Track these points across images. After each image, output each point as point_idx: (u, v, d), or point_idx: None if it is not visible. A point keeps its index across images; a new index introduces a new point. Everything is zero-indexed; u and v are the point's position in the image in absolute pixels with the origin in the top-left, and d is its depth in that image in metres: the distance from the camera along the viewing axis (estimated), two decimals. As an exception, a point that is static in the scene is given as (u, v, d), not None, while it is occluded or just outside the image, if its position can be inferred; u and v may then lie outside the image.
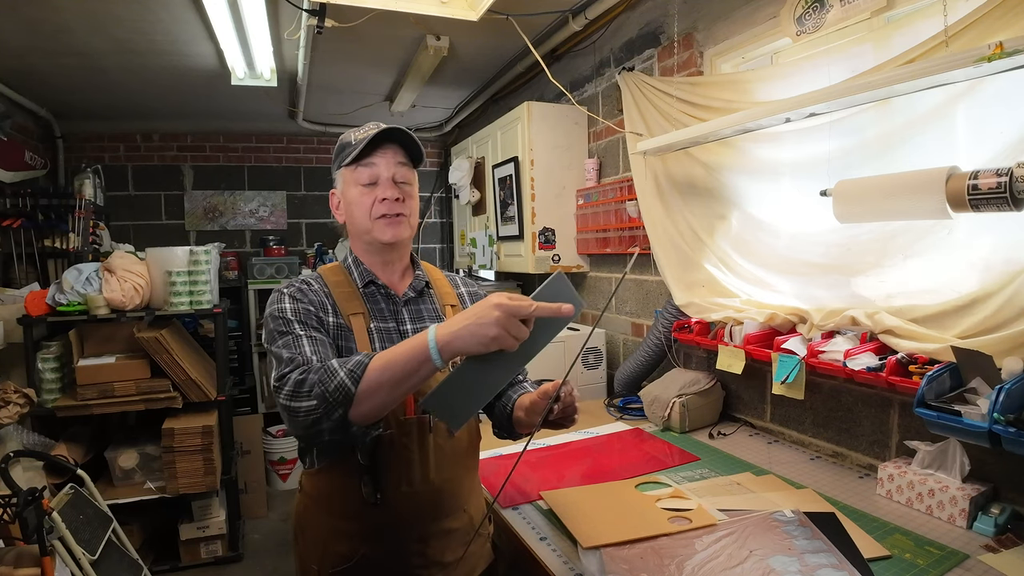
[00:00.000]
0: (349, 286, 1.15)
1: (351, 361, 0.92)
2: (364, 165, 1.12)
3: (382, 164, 1.12)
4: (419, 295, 1.20)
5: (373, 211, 1.12)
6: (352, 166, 1.13)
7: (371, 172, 1.12)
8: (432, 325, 0.90)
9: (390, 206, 1.12)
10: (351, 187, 1.14)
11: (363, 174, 1.12)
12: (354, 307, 1.12)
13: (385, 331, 1.13)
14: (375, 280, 1.16)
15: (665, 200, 2.09)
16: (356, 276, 1.17)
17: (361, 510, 1.07)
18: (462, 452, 1.16)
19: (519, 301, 0.84)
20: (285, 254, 4.41)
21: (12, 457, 1.95)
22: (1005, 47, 1.00)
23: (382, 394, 0.90)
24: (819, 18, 1.50)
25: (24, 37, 2.55)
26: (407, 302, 1.18)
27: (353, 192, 1.14)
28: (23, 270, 3.36)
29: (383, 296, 1.17)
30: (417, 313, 1.18)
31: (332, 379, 0.91)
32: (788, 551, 1.11)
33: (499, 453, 1.73)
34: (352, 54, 2.90)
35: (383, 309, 1.16)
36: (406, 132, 1.14)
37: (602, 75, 2.62)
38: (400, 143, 1.15)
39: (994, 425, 1.07)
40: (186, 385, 2.65)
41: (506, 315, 0.83)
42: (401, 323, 1.15)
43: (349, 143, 1.14)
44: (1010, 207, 1.08)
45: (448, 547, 1.14)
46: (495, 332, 0.83)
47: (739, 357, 1.73)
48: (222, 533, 2.83)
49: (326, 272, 1.19)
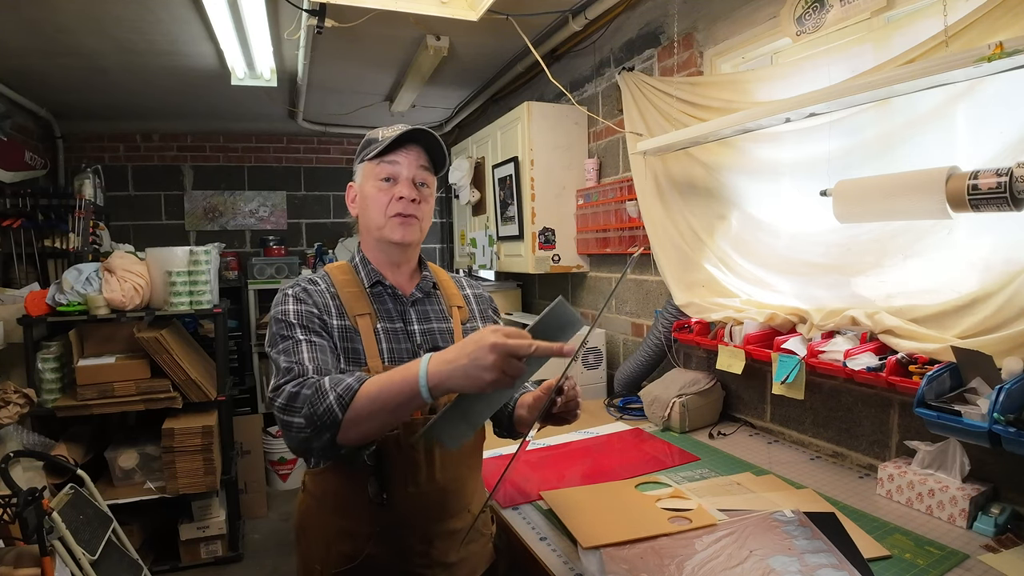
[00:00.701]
0: (356, 286, 1.15)
1: (342, 384, 0.90)
2: (387, 162, 1.13)
3: (404, 163, 1.13)
4: (426, 296, 1.20)
5: (388, 209, 1.12)
6: (375, 161, 1.13)
7: (392, 169, 1.13)
8: (426, 357, 0.87)
9: (406, 206, 1.12)
10: (369, 181, 1.14)
11: (384, 170, 1.13)
12: (361, 307, 1.12)
13: (392, 331, 1.13)
14: (382, 280, 1.16)
15: (665, 200, 2.09)
16: (363, 276, 1.16)
17: (366, 510, 1.07)
18: (467, 452, 1.16)
19: (517, 340, 0.81)
20: (285, 254, 4.41)
21: (12, 457, 1.95)
22: (1005, 47, 1.00)
23: (371, 423, 0.90)
24: (819, 18, 1.50)
25: (24, 37, 2.55)
26: (414, 302, 1.18)
27: (371, 187, 1.14)
28: (23, 270, 3.36)
29: (390, 296, 1.17)
30: (424, 313, 1.18)
31: (321, 401, 0.90)
32: (788, 551, 1.11)
33: (499, 453, 1.72)
34: (352, 54, 2.90)
35: (390, 309, 1.15)
36: (434, 137, 1.14)
37: (602, 75, 2.62)
38: (426, 148, 1.15)
39: (994, 425, 1.07)
40: (186, 385, 2.65)
41: (503, 357, 0.80)
42: (408, 323, 1.15)
43: (376, 139, 1.14)
44: (1010, 207, 1.08)
45: (452, 547, 1.14)
46: (491, 377, 0.80)
47: (739, 357, 1.73)
48: (222, 533, 2.83)
49: (333, 271, 1.18)
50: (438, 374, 0.85)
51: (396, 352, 1.11)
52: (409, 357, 1.11)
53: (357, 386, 0.90)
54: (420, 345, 1.13)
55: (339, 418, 0.89)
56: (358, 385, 0.90)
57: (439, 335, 1.16)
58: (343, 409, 0.89)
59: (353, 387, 0.90)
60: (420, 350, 1.12)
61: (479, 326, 1.24)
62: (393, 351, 1.10)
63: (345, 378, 0.92)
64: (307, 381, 0.94)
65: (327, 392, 0.90)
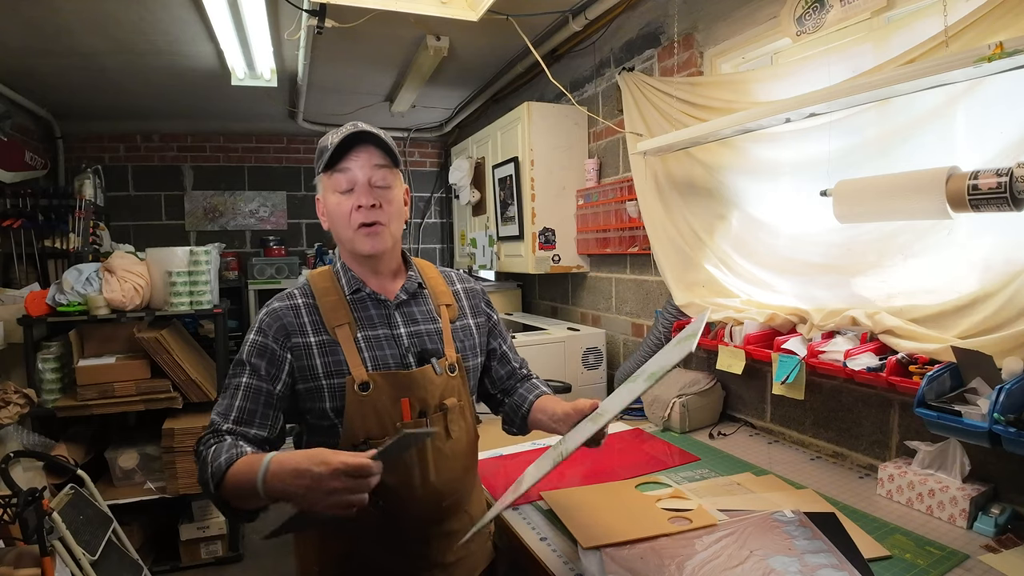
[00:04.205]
0: (336, 294, 1.13)
1: (216, 463, 0.93)
2: (339, 171, 1.08)
3: (356, 168, 1.08)
4: (412, 297, 1.17)
5: (352, 220, 1.08)
6: (328, 172, 1.09)
7: (347, 178, 1.08)
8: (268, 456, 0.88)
9: (367, 214, 1.08)
10: (329, 194, 1.10)
11: (340, 180, 1.08)
12: (339, 317, 1.10)
13: (375, 339, 1.10)
14: (362, 287, 1.14)
15: (665, 200, 2.09)
16: (344, 283, 1.14)
17: (361, 512, 1.07)
18: (461, 454, 1.15)
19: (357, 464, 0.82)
20: (285, 254, 4.42)
21: (12, 457, 1.95)
22: (1005, 47, 1.00)
23: (243, 501, 0.92)
24: (819, 18, 1.50)
25: (24, 37, 2.55)
26: (399, 305, 1.15)
27: (332, 200, 1.10)
28: (23, 270, 3.36)
29: (372, 302, 1.14)
30: (411, 316, 1.15)
31: (203, 472, 0.96)
32: (788, 551, 1.11)
33: (499, 453, 1.73)
34: (352, 54, 2.90)
35: (372, 316, 1.13)
36: (379, 135, 1.10)
37: (602, 75, 2.62)
38: (376, 144, 1.10)
39: (994, 425, 1.07)
40: (186, 385, 2.65)
41: (345, 487, 0.81)
42: (395, 327, 1.13)
43: (326, 147, 1.09)
44: (1010, 207, 1.08)
45: (449, 548, 1.13)
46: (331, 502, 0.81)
47: (739, 357, 1.73)
48: (222, 533, 2.83)
49: (314, 278, 1.16)
50: (275, 486, 0.86)
51: (381, 359, 1.09)
52: (396, 363, 1.09)
53: (224, 468, 0.93)
54: (408, 349, 1.11)
55: (213, 492, 0.94)
56: (225, 467, 0.93)
57: (427, 337, 1.14)
58: (216, 487, 0.93)
59: (221, 469, 0.93)
60: (408, 354, 1.11)
61: (470, 323, 1.23)
62: (377, 359, 1.08)
63: (223, 455, 0.94)
64: (209, 445, 0.99)
65: (207, 466, 0.95)
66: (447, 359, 1.14)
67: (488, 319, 1.29)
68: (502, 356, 1.31)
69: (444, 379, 1.12)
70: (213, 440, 1.00)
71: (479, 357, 1.25)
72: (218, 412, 1.04)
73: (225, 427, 1.02)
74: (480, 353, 1.25)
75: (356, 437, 1.05)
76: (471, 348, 1.22)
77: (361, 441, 1.05)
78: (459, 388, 1.15)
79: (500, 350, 1.31)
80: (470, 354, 1.21)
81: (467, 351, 1.20)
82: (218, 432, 1.01)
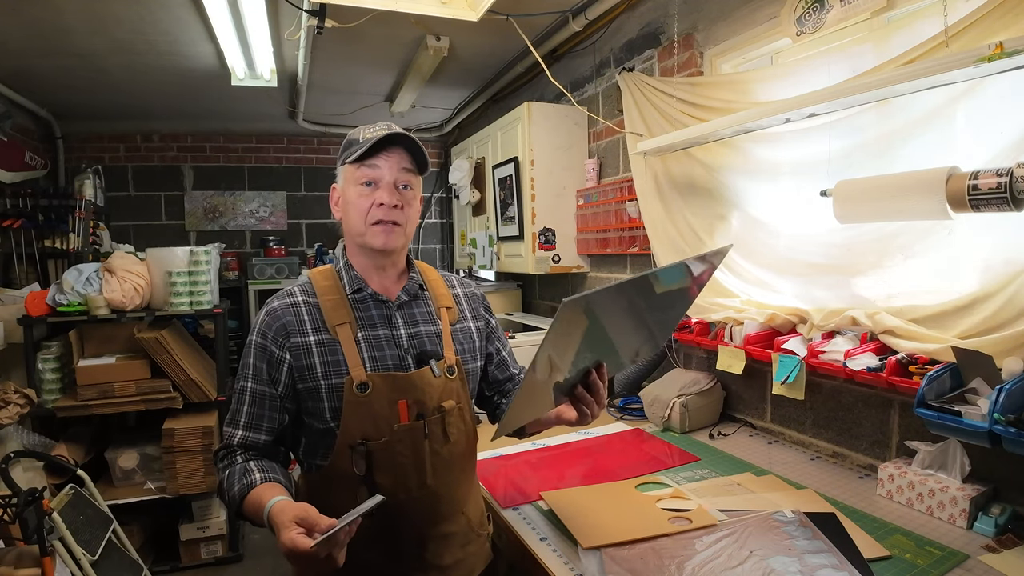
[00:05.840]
0: (337, 292, 1.12)
1: (234, 488, 1.02)
2: (368, 165, 1.09)
3: (386, 167, 1.09)
4: (413, 298, 1.17)
5: (369, 215, 1.09)
6: (355, 164, 1.10)
7: (374, 173, 1.09)
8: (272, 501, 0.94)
9: (387, 212, 1.09)
10: (351, 186, 1.11)
11: (365, 174, 1.09)
12: (340, 316, 1.10)
13: (375, 339, 1.10)
14: (364, 286, 1.13)
15: (665, 200, 2.09)
16: (345, 282, 1.14)
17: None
18: (459, 456, 1.15)
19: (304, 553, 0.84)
20: (285, 254, 4.42)
21: (12, 457, 1.95)
22: (1005, 47, 1.00)
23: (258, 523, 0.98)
24: (819, 18, 1.50)
25: (24, 37, 2.55)
26: (400, 306, 1.15)
27: (352, 191, 1.11)
28: (23, 270, 3.36)
29: (374, 302, 1.14)
30: (411, 317, 1.15)
31: (224, 493, 1.05)
32: (788, 551, 1.11)
33: (499, 453, 1.73)
34: (352, 54, 2.90)
35: (373, 316, 1.13)
36: (414, 140, 1.12)
37: (602, 75, 2.62)
38: (408, 148, 1.11)
39: (994, 425, 1.07)
40: (186, 385, 2.65)
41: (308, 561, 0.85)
42: (395, 328, 1.13)
43: (356, 140, 1.11)
44: (1010, 207, 1.08)
45: (446, 550, 1.13)
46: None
47: (739, 357, 1.73)
48: (222, 533, 2.83)
49: (316, 276, 1.16)
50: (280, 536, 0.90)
51: (380, 360, 1.09)
52: (396, 364, 1.09)
53: (239, 500, 1.01)
54: (408, 350, 1.11)
55: (236, 511, 1.03)
56: (239, 500, 1.01)
57: (427, 338, 1.14)
58: (235, 509, 1.03)
59: (236, 501, 1.02)
60: (408, 355, 1.11)
61: (470, 326, 1.23)
62: (376, 359, 1.08)
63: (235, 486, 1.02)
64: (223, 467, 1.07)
65: (224, 493, 1.05)
66: (446, 361, 1.14)
67: (487, 323, 1.29)
68: (500, 362, 1.31)
69: (443, 381, 1.12)
70: (227, 461, 1.08)
71: (478, 361, 1.25)
72: (230, 419, 1.10)
73: (236, 440, 1.08)
74: (479, 356, 1.25)
75: (352, 438, 1.05)
76: (471, 351, 1.22)
77: (358, 442, 1.04)
78: (458, 390, 1.15)
79: (499, 356, 1.31)
80: (469, 357, 1.21)
81: (466, 354, 1.20)
82: (230, 449, 1.08)
